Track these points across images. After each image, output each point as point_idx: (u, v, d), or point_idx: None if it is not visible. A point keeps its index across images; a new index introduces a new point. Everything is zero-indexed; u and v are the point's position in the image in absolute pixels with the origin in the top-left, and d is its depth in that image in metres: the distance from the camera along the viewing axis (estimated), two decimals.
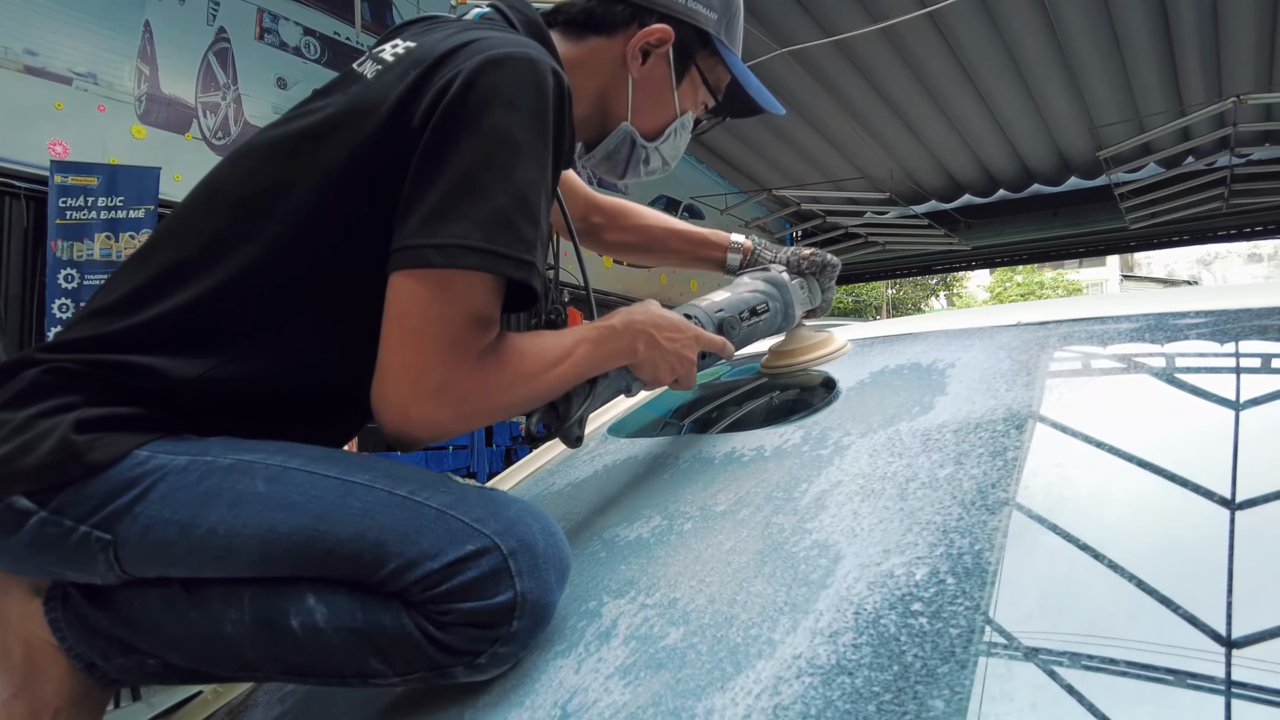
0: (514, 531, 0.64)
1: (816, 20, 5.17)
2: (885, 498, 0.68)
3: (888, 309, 17.83)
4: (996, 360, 0.90)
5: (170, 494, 0.64)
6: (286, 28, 4.93)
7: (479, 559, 0.62)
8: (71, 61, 3.89)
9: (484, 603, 0.62)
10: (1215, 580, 0.50)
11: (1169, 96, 5.97)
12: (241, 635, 0.65)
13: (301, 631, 0.64)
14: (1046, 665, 0.47)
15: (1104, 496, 0.62)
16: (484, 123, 0.67)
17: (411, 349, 0.67)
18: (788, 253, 1.13)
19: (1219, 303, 0.90)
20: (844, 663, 0.51)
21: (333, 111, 0.73)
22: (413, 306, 0.67)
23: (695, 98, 0.94)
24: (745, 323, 1.00)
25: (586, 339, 0.78)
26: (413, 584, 0.62)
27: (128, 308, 0.70)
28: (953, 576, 0.55)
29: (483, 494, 0.68)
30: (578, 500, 0.95)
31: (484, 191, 0.66)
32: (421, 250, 0.66)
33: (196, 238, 0.72)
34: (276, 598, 0.65)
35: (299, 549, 0.63)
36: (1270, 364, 0.78)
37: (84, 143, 3.90)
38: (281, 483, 0.65)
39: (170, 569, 0.66)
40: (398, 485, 0.66)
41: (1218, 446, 0.64)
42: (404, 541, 0.62)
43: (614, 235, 1.19)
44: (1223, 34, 5.17)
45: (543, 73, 0.70)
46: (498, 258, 0.66)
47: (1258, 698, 0.42)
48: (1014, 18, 5.07)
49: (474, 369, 0.68)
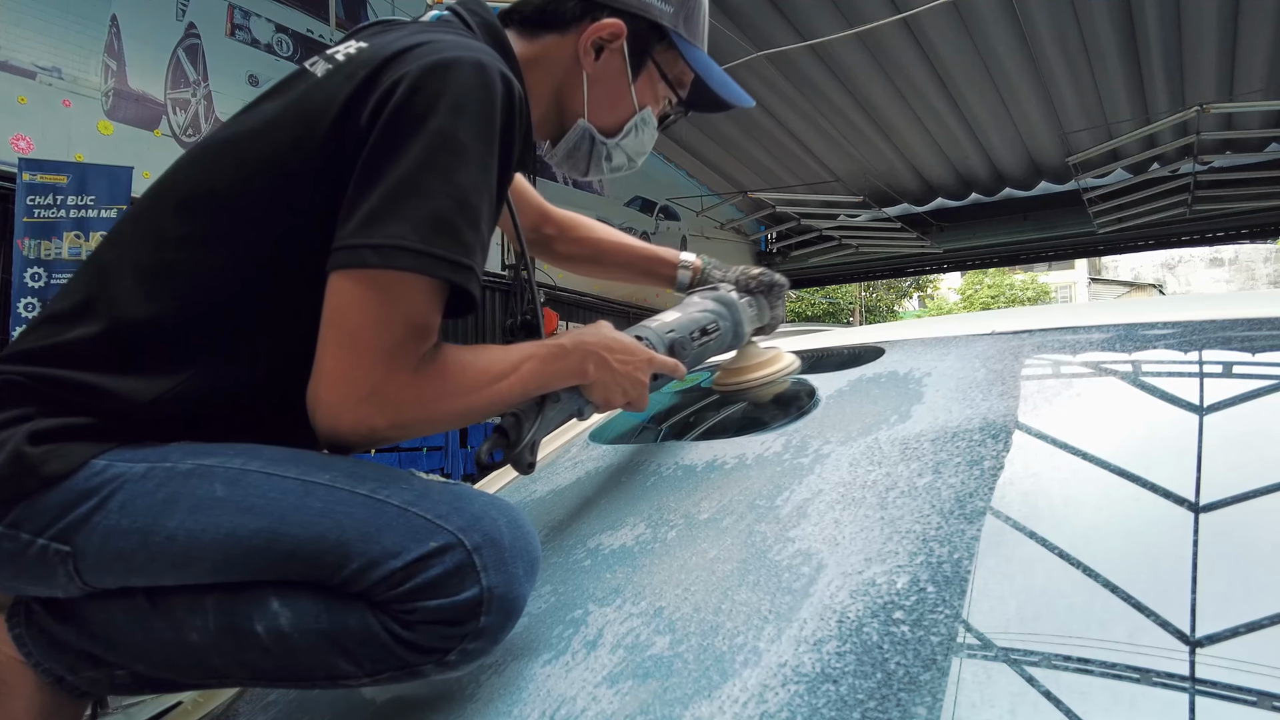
0: (478, 526, 0.64)
1: (793, 24, 5.21)
2: (866, 506, 0.69)
3: (861, 312, 18.00)
4: (972, 369, 0.92)
5: (129, 502, 0.62)
6: (258, 24, 4.87)
7: (442, 556, 0.61)
8: (35, 55, 3.82)
9: (449, 600, 0.61)
10: (1181, 582, 0.52)
11: (1136, 104, 6.11)
12: (207, 643, 0.64)
13: (267, 637, 0.63)
14: (1025, 669, 0.48)
15: (1077, 503, 0.64)
16: (428, 125, 0.66)
17: (346, 352, 0.66)
18: (737, 271, 1.14)
19: (1185, 314, 0.93)
20: (828, 670, 0.52)
21: (281, 110, 0.72)
22: (348, 307, 0.66)
23: (655, 92, 0.93)
24: (696, 342, 1.01)
25: (535, 356, 0.77)
26: (376, 583, 0.61)
27: (80, 314, 0.69)
28: (933, 585, 0.56)
29: (446, 489, 0.67)
30: (560, 507, 0.95)
31: (424, 193, 0.66)
32: (359, 250, 0.65)
33: (145, 240, 0.71)
34: (240, 603, 0.64)
35: (260, 552, 0.62)
36: (1231, 371, 0.81)
37: (49, 138, 3.82)
38: (241, 486, 0.64)
39: (131, 578, 0.64)
40: (359, 484, 0.65)
41: (1184, 451, 0.66)
42: (366, 540, 0.61)
43: (564, 247, 1.19)
44: (1186, 44, 5.31)
45: (491, 77, 0.70)
46: (434, 260, 0.65)
47: (1220, 694, 0.44)
48: (987, 24, 5.15)
49: (411, 378, 0.67)
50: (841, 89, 6.11)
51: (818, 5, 5.01)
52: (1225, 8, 4.90)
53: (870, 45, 5.42)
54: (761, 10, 5.09)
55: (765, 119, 6.67)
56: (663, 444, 1.08)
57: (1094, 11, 4.95)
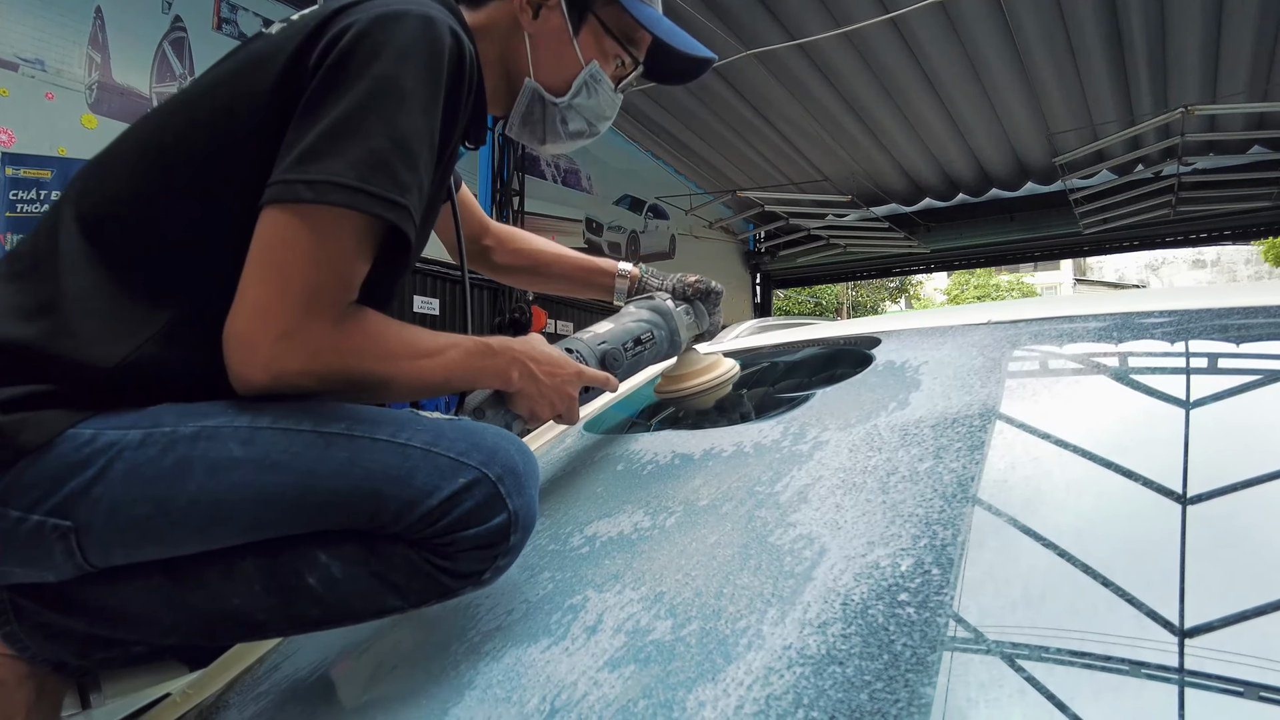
0: (496, 459, 0.68)
1: (781, 23, 5.22)
2: (867, 491, 0.69)
3: (848, 311, 18.07)
4: (969, 357, 0.92)
5: (134, 470, 0.61)
6: (245, 18, 4.83)
7: (472, 490, 0.66)
8: (17, 46, 3.76)
9: (484, 527, 0.66)
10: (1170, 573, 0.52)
11: (1121, 106, 6.16)
12: (252, 604, 0.66)
13: (321, 587, 0.66)
14: (1024, 654, 0.48)
15: (1074, 489, 0.64)
16: (372, 70, 0.66)
17: (269, 286, 0.64)
18: (674, 279, 1.15)
19: (1182, 303, 0.93)
20: (834, 653, 0.51)
21: (234, 66, 0.72)
22: (276, 241, 0.65)
23: (602, 48, 0.90)
24: (630, 353, 1.01)
25: (460, 346, 0.77)
26: (415, 522, 0.65)
27: (31, 276, 0.67)
28: (937, 567, 0.56)
29: (456, 426, 0.70)
30: (558, 496, 0.95)
31: (363, 133, 0.65)
32: (293, 185, 0.64)
33: (96, 196, 0.70)
34: (284, 562, 0.65)
35: (294, 508, 0.64)
36: (1217, 364, 0.81)
37: (31, 131, 3.77)
38: (257, 444, 0.63)
39: (145, 550, 0.63)
40: (375, 429, 0.66)
41: (1175, 440, 0.67)
42: (398, 484, 0.64)
43: (503, 258, 1.19)
44: (1170, 46, 5.35)
45: (439, 31, 0.69)
46: (368, 196, 0.64)
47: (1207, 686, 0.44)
48: (974, 25, 5.18)
49: (331, 325, 0.66)
50: (830, 89, 6.13)
51: (806, 5, 5.02)
52: (1209, 10, 4.94)
53: (858, 45, 5.44)
54: (750, 9, 5.09)
55: (754, 118, 6.68)
56: (659, 434, 1.07)
57: (1080, 13, 4.99)
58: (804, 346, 1.38)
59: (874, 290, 19.35)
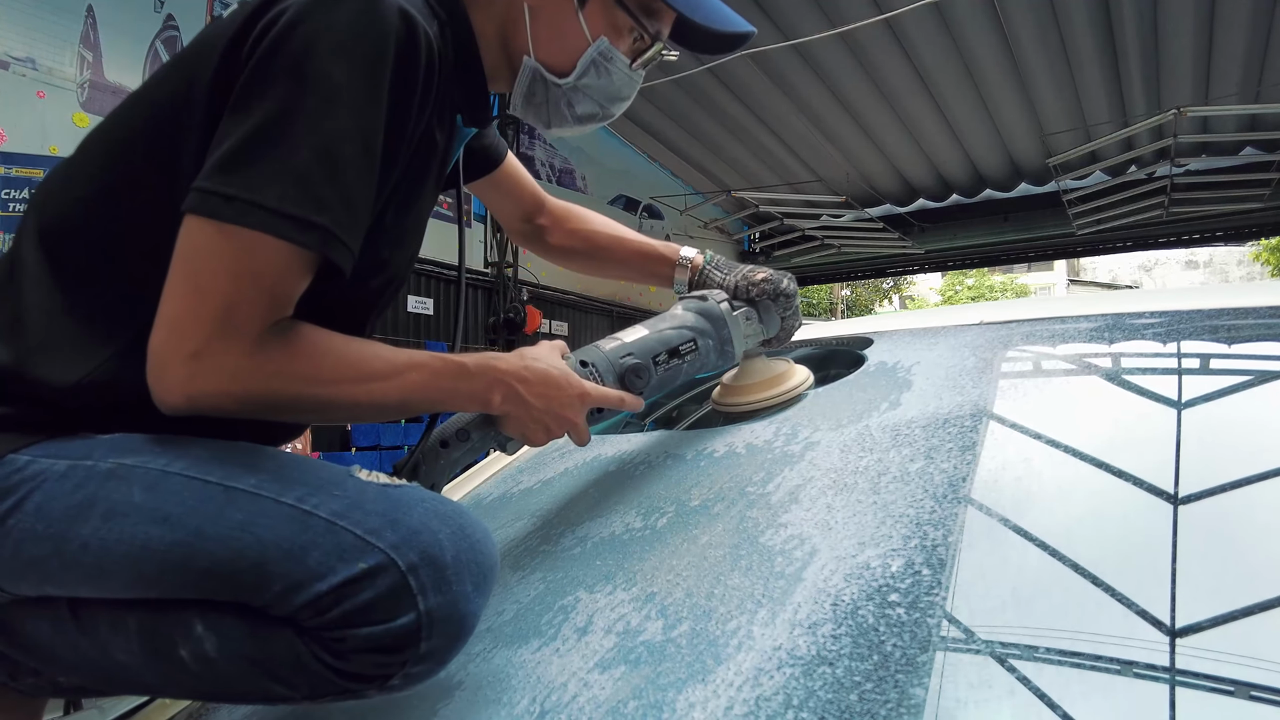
0: (414, 542, 0.57)
1: (776, 23, 5.22)
2: (858, 491, 0.68)
3: (842, 311, 18.10)
4: (961, 358, 0.91)
5: (45, 504, 0.57)
6: None
7: (373, 578, 0.55)
8: (9, 45, 3.74)
9: (383, 627, 0.55)
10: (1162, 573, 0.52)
11: (1114, 107, 6.18)
12: (136, 663, 0.60)
13: (193, 662, 0.58)
14: (1015, 654, 0.48)
15: (1066, 490, 0.64)
16: (303, 66, 0.60)
17: (184, 301, 0.59)
18: (738, 275, 0.99)
19: (1174, 304, 0.93)
20: (824, 653, 0.51)
21: (190, 47, 0.68)
22: (194, 252, 0.59)
23: (613, 22, 0.79)
24: (662, 366, 0.88)
25: (425, 366, 0.69)
26: (301, 608, 0.55)
27: (6, 283, 0.64)
28: (928, 568, 0.56)
29: (384, 495, 0.60)
30: (549, 497, 0.94)
31: (286, 142, 0.60)
32: (211, 197, 0.59)
33: (63, 198, 0.67)
34: (164, 625, 0.58)
35: (174, 569, 0.56)
36: (1208, 364, 0.81)
37: (21, 130, 3.74)
38: (159, 491, 0.57)
39: (46, 588, 0.59)
40: (286, 490, 0.58)
41: (1167, 440, 0.67)
42: (289, 560, 0.55)
43: (558, 239, 1.08)
44: (1163, 47, 5.37)
45: (384, 15, 0.62)
46: (282, 219, 0.59)
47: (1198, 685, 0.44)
48: (968, 26, 5.19)
49: (251, 345, 0.60)
50: (824, 89, 6.13)
51: (800, 5, 5.02)
52: (1201, 12, 4.96)
53: (852, 46, 5.44)
54: (744, 9, 5.09)
55: (748, 118, 6.69)
56: (652, 434, 1.07)
57: (1073, 14, 5.01)
58: (796, 347, 1.38)
59: (872, 290, 19.39)
